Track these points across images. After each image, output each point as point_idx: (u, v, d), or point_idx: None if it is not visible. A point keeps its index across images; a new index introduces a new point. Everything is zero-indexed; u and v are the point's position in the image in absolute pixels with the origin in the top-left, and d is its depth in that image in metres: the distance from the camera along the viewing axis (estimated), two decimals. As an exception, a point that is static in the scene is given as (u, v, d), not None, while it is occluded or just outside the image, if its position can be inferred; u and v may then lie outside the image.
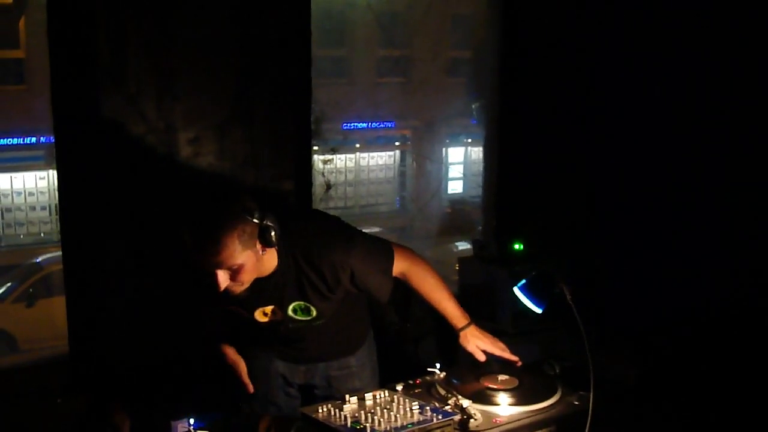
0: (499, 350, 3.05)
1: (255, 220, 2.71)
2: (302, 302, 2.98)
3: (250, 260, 2.72)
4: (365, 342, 3.39)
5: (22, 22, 8.57)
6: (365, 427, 2.45)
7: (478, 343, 3.06)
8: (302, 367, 3.29)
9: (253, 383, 3.18)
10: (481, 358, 3.05)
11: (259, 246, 2.74)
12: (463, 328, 3.08)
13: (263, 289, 2.91)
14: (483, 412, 2.64)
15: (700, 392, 3.21)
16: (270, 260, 2.86)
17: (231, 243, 2.64)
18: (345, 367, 3.30)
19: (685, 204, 4.23)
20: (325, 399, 3.13)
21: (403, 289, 3.22)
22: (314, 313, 3.01)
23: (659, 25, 4.38)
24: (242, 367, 3.17)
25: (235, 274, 2.71)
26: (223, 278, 2.69)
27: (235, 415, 3.22)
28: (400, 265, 3.05)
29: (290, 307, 2.99)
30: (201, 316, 3.28)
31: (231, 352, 3.20)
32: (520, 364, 3.03)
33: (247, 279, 2.77)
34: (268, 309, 3.00)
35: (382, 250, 3.05)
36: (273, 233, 2.73)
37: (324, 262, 2.89)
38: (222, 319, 3.19)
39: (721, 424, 2.91)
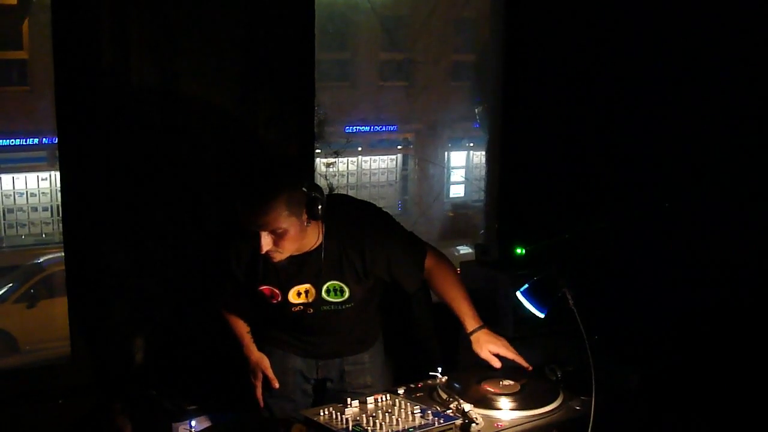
0: (512, 355, 3.09)
1: (304, 189, 2.80)
2: (338, 282, 3.05)
3: (293, 228, 2.80)
4: (377, 340, 3.45)
5: (25, 24, 8.56)
6: (367, 430, 2.45)
7: (491, 347, 3.09)
8: (320, 362, 3.35)
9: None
10: (497, 365, 3.08)
11: (304, 216, 2.82)
12: (474, 331, 3.13)
13: (303, 263, 2.99)
14: (485, 417, 2.65)
15: (702, 397, 3.21)
16: (312, 235, 2.95)
17: (279, 205, 2.74)
18: (359, 363, 3.36)
19: (688, 208, 4.23)
20: (337, 393, 3.27)
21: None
22: (347, 294, 3.07)
23: (664, 29, 4.38)
24: (266, 362, 3.26)
25: (278, 239, 2.79)
26: (266, 240, 2.78)
27: (253, 416, 3.25)
28: (429, 261, 3.16)
29: (324, 287, 3.06)
30: (224, 309, 3.34)
31: (255, 348, 3.29)
32: (530, 369, 3.05)
33: (287, 247, 2.86)
34: (303, 288, 3.05)
35: (418, 243, 3.20)
36: (320, 206, 2.82)
37: (366, 242, 3.00)
38: (249, 309, 3.29)
39: (724, 429, 2.91)
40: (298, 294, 3.07)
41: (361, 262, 3.02)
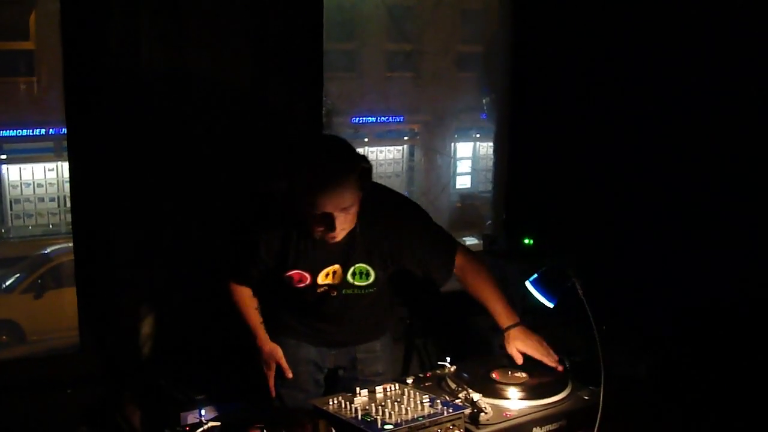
0: (540, 354, 3.05)
1: (365, 165, 2.79)
2: (365, 265, 3.04)
3: (355, 205, 2.80)
4: (388, 330, 3.46)
5: (32, 14, 8.57)
6: (376, 419, 2.45)
7: (518, 345, 3.07)
8: (333, 351, 3.34)
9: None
10: (518, 361, 3.06)
11: (360, 193, 2.80)
12: (508, 328, 3.10)
13: (335, 244, 2.94)
14: (493, 406, 2.65)
15: (711, 386, 3.21)
16: (355, 215, 2.90)
17: (353, 182, 2.73)
18: (371, 351, 3.37)
19: (698, 197, 4.22)
20: (348, 381, 3.27)
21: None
22: (372, 278, 3.07)
23: (674, 21, 4.36)
24: (280, 352, 3.22)
25: (345, 216, 2.78)
26: (339, 220, 2.75)
27: (262, 405, 3.24)
28: (460, 258, 3.15)
29: (351, 270, 3.04)
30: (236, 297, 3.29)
31: (268, 339, 3.24)
32: (561, 369, 3.02)
33: (348, 224, 2.84)
34: (331, 270, 3.03)
35: (449, 237, 3.19)
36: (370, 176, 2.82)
37: (399, 230, 3.00)
38: (266, 298, 3.26)
39: (732, 418, 2.91)
40: (326, 275, 3.05)
41: (390, 248, 3.02)
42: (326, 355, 3.35)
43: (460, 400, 2.63)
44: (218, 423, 2.49)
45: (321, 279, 3.05)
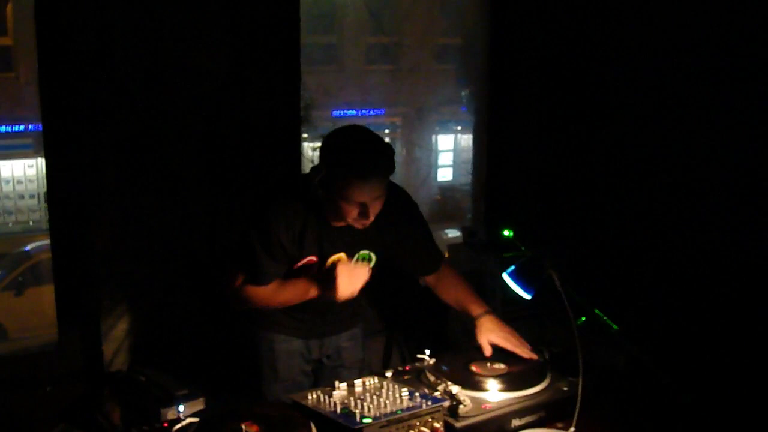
0: (513, 345, 3.07)
1: (392, 152, 2.84)
2: (368, 252, 3.09)
3: (385, 192, 2.86)
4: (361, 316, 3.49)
5: (9, 9, 8.50)
6: (355, 413, 2.45)
7: (491, 337, 3.08)
8: (317, 341, 3.34)
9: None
10: (487, 353, 3.07)
11: (388, 180, 2.87)
12: (478, 316, 3.14)
13: (343, 233, 3.00)
14: (472, 398, 2.65)
15: (689, 377, 3.22)
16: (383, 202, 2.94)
17: (386, 171, 2.83)
18: (352, 338, 3.41)
19: (674, 189, 4.24)
20: (334, 369, 3.34)
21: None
22: (372, 263, 3.09)
23: (649, 11, 4.37)
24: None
25: (378, 203, 2.85)
26: (374, 207, 2.83)
27: (243, 399, 3.23)
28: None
29: (356, 256, 3.08)
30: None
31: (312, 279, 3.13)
32: (536, 358, 3.04)
33: (378, 210, 2.88)
34: (337, 257, 3.04)
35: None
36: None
37: (405, 216, 3.11)
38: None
39: (711, 409, 2.92)
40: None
41: (393, 235, 3.06)
42: (312, 346, 3.34)
43: (439, 393, 2.64)
44: (197, 419, 2.48)
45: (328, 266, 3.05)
